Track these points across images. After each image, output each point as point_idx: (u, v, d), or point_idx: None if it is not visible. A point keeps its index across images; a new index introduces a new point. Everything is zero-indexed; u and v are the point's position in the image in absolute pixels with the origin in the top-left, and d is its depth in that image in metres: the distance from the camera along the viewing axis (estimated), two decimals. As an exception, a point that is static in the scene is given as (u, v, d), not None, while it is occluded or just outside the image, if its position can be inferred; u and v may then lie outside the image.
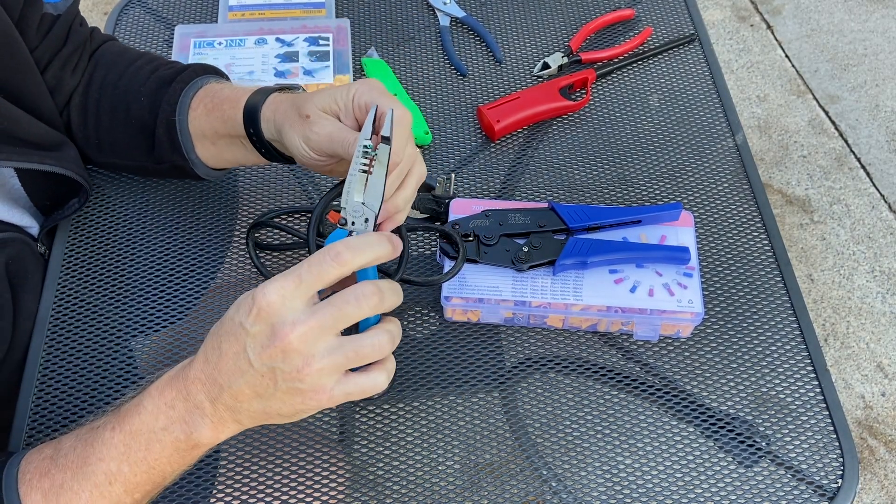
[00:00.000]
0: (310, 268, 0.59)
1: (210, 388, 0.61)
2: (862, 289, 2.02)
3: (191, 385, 0.62)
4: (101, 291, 0.90)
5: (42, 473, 0.65)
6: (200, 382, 0.62)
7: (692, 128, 1.05)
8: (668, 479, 0.79)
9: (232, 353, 0.60)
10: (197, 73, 0.88)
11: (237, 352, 0.60)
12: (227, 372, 0.61)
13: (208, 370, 0.61)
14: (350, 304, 0.60)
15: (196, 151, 0.87)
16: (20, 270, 0.84)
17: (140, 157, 0.91)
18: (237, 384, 0.61)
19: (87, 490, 0.63)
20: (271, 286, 0.59)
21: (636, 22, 1.16)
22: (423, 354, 0.86)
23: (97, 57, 0.93)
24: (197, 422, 0.62)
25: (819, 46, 2.50)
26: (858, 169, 2.23)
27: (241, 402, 0.62)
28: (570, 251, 0.85)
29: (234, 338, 0.60)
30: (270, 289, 0.58)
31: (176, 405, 0.62)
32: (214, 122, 0.84)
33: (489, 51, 1.13)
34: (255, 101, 0.80)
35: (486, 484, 0.78)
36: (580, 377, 0.85)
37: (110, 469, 0.63)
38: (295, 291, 0.59)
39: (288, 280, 0.59)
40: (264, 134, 0.80)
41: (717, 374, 0.85)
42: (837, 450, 0.81)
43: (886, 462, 1.78)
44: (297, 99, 0.76)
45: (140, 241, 0.94)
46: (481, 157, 1.02)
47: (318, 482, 0.78)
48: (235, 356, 0.60)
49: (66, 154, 0.88)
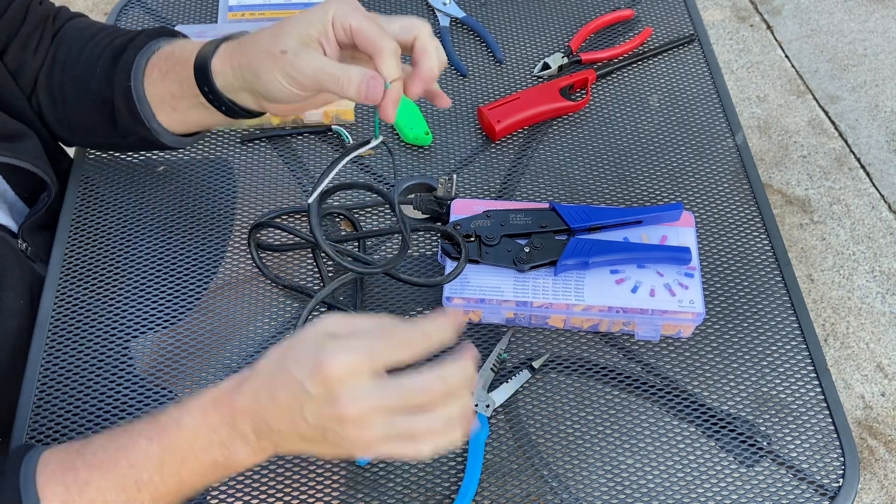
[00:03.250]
0: (385, 347, 0.58)
1: (258, 424, 0.61)
2: (862, 289, 2.02)
3: (238, 416, 0.61)
4: (101, 292, 0.90)
5: (67, 467, 0.64)
6: (248, 416, 0.61)
7: (692, 128, 1.05)
8: (669, 478, 0.79)
9: (286, 406, 0.59)
10: (150, 36, 0.84)
11: (292, 406, 0.59)
12: (279, 418, 0.60)
13: (258, 408, 0.61)
14: (417, 396, 0.58)
15: (158, 119, 0.84)
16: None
17: (107, 133, 0.88)
18: (286, 430, 0.60)
19: (114, 492, 0.63)
20: (341, 357, 0.57)
21: (636, 22, 1.16)
22: (424, 355, 0.86)
23: (61, 35, 0.90)
24: (238, 448, 0.62)
25: (819, 46, 2.50)
26: (858, 169, 2.23)
27: (286, 443, 0.62)
28: (571, 251, 0.85)
29: (292, 394, 0.59)
30: (339, 360, 0.57)
31: (220, 430, 0.62)
32: (171, 86, 0.81)
33: (489, 51, 1.13)
34: (203, 56, 0.75)
35: (486, 484, 0.78)
36: (581, 377, 0.85)
37: (142, 477, 0.63)
38: (362, 367, 0.57)
39: (358, 354, 0.57)
40: (219, 89, 0.75)
41: (717, 374, 0.85)
42: (838, 449, 0.81)
43: (886, 462, 1.78)
44: (261, 38, 0.72)
45: (139, 242, 0.94)
46: (482, 157, 1.02)
47: (317, 482, 0.78)
48: (290, 409, 0.59)
49: (24, 146, 0.86)
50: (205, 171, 1.00)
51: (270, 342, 0.87)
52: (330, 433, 0.59)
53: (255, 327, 0.88)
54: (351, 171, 1.00)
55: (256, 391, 0.61)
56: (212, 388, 0.63)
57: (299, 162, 1.01)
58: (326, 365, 0.57)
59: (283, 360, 0.60)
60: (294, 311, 0.89)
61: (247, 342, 0.87)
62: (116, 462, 0.63)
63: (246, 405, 0.61)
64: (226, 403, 0.62)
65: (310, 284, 0.90)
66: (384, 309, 0.89)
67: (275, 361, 0.61)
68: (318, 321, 0.61)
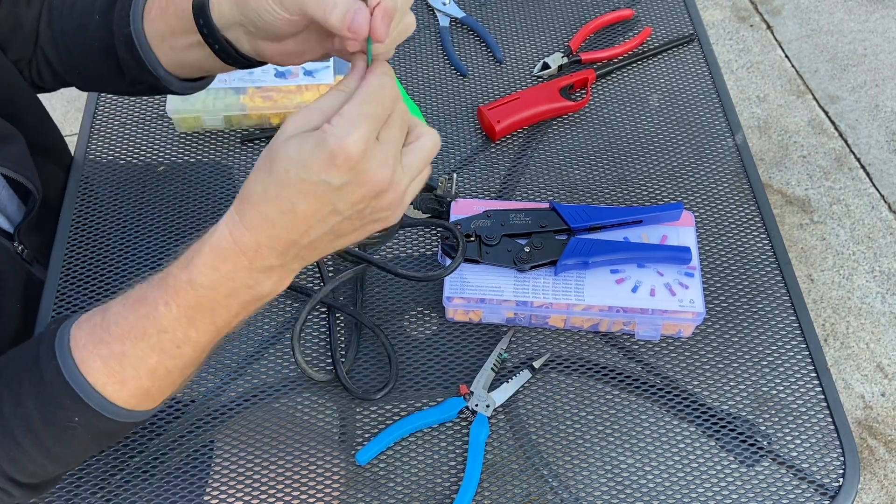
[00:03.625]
0: (374, 102, 0.57)
1: (281, 249, 0.59)
2: (862, 289, 2.02)
3: (253, 254, 0.59)
4: (101, 293, 0.90)
5: (97, 340, 0.63)
6: (266, 248, 0.59)
7: (692, 128, 1.05)
8: (670, 478, 0.79)
9: (311, 212, 0.57)
10: None
11: (319, 209, 0.57)
12: (306, 230, 0.58)
13: (275, 233, 0.58)
14: (404, 125, 0.59)
15: (162, 63, 0.82)
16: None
17: (117, 83, 0.87)
18: (317, 236, 0.59)
19: (155, 355, 0.63)
20: (350, 135, 0.55)
21: (635, 22, 1.16)
22: (425, 355, 0.86)
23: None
24: (263, 281, 0.61)
25: (819, 46, 2.50)
26: (858, 169, 2.23)
27: (317, 248, 0.61)
28: (571, 251, 0.85)
29: (314, 197, 0.57)
30: (352, 138, 0.55)
31: (237, 276, 0.60)
32: (170, 20, 0.79)
33: (489, 51, 1.13)
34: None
35: (486, 484, 0.78)
36: (581, 377, 0.85)
37: (177, 337, 0.62)
38: (372, 133, 0.56)
39: (362, 124, 0.55)
40: (216, 24, 0.73)
41: (717, 374, 0.85)
42: (838, 449, 0.81)
43: (886, 462, 1.78)
44: None
45: (139, 243, 0.94)
46: (482, 157, 1.02)
47: (317, 482, 0.78)
48: (316, 214, 0.58)
49: (9, 150, 0.85)
50: (205, 172, 1.00)
51: (270, 342, 0.87)
52: (367, 212, 0.59)
53: (255, 327, 0.88)
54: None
55: (266, 218, 0.58)
56: (206, 237, 0.61)
57: (299, 162, 1.01)
58: (337, 150, 0.55)
59: (283, 172, 0.56)
60: (293, 311, 0.89)
61: (246, 342, 0.87)
62: (144, 331, 0.62)
63: (260, 239, 0.59)
64: (232, 249, 0.60)
65: (309, 284, 0.90)
66: (385, 308, 0.89)
67: (271, 180, 0.57)
68: (280, 132, 0.58)
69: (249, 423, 0.82)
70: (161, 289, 0.62)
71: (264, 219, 0.58)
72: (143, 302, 0.63)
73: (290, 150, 0.56)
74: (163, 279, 0.62)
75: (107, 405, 0.64)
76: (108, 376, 0.63)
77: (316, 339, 0.87)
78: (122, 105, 1.06)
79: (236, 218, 0.59)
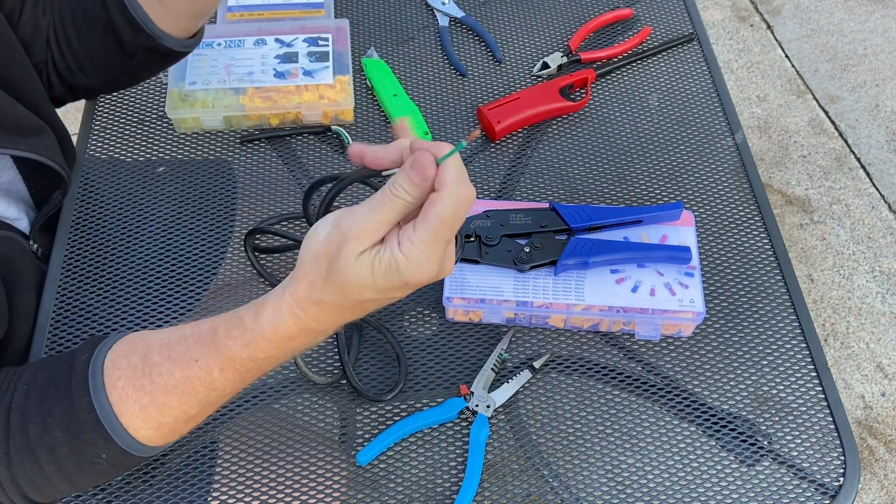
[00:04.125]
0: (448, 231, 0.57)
1: (345, 323, 0.63)
2: (862, 289, 2.02)
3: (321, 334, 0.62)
4: (101, 293, 0.90)
5: (138, 388, 0.64)
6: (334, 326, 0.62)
7: (692, 127, 1.05)
8: (670, 478, 0.79)
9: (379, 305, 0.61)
10: None
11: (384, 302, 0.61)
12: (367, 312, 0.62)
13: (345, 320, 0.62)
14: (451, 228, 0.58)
15: (154, 21, 0.87)
16: (13, 270, 0.83)
17: (117, 61, 0.91)
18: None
19: (200, 407, 0.65)
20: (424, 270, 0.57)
21: (635, 21, 1.16)
22: (425, 355, 0.86)
23: None
24: (319, 342, 0.65)
25: (819, 46, 2.50)
26: (858, 169, 2.23)
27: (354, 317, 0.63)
28: (571, 251, 0.85)
29: (384, 302, 0.61)
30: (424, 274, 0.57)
31: (299, 346, 0.63)
32: None
33: (489, 51, 1.13)
34: None
35: (487, 484, 0.78)
36: (582, 377, 0.85)
37: (226, 392, 0.65)
38: (438, 261, 0.58)
39: (434, 258, 0.57)
40: None
41: (718, 374, 0.85)
42: (839, 448, 0.81)
43: (886, 462, 1.78)
44: None
45: (139, 243, 0.94)
46: (481, 157, 1.02)
47: (318, 482, 0.78)
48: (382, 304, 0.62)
49: (42, 141, 0.87)
50: (204, 172, 1.00)
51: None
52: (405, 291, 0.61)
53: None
54: (351, 171, 1.00)
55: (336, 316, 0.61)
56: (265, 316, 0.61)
57: (299, 162, 1.01)
58: (415, 280, 0.57)
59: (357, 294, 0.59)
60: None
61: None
62: (194, 389, 0.63)
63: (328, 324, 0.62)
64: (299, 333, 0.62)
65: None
66: (387, 308, 0.89)
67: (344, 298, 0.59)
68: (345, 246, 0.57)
69: (250, 423, 0.82)
70: (214, 356, 0.63)
71: (335, 317, 0.61)
72: (192, 363, 0.63)
73: (363, 274, 0.57)
74: (216, 346, 0.63)
75: (137, 445, 0.65)
76: (144, 421, 0.64)
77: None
78: (122, 105, 1.06)
79: (302, 315, 0.60)
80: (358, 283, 0.57)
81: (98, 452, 0.64)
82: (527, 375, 0.84)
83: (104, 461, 0.65)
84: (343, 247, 0.57)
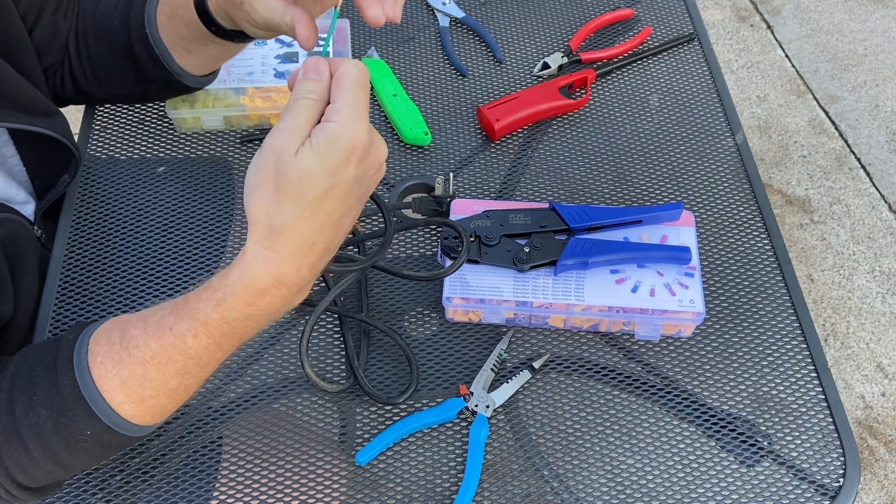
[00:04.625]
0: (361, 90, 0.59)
1: (319, 260, 0.60)
2: (862, 289, 2.02)
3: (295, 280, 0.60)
4: (101, 292, 0.90)
5: (116, 361, 0.64)
6: (307, 267, 0.60)
7: (692, 128, 1.05)
8: (670, 478, 0.79)
9: (344, 209, 0.59)
10: None
11: (348, 203, 0.59)
12: (339, 229, 0.60)
13: (317, 248, 0.59)
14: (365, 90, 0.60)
15: (177, 61, 0.88)
16: (17, 252, 0.84)
17: (131, 82, 0.92)
18: (346, 227, 0.61)
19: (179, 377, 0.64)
20: (358, 126, 0.57)
21: (635, 21, 1.16)
22: (425, 355, 0.86)
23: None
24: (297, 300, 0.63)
25: (819, 46, 2.50)
26: (858, 169, 2.23)
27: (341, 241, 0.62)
28: (571, 251, 0.85)
29: (344, 195, 0.58)
30: (360, 129, 0.57)
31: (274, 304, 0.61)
32: (179, 29, 0.84)
33: (489, 51, 1.13)
34: None
35: (487, 484, 0.78)
36: (581, 377, 0.85)
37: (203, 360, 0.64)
38: (367, 121, 0.59)
39: (363, 112, 0.58)
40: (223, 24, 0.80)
41: (718, 374, 0.85)
42: (839, 449, 0.81)
43: (886, 462, 1.78)
44: None
45: (139, 243, 0.94)
46: (481, 157, 1.02)
47: (318, 482, 0.78)
48: (347, 207, 0.59)
49: (56, 121, 0.88)
50: (205, 172, 1.00)
51: (269, 342, 0.87)
52: (371, 184, 0.61)
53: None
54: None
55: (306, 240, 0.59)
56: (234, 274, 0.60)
57: (299, 162, 1.01)
58: (357, 141, 0.57)
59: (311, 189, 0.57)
60: (292, 311, 0.89)
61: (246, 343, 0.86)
62: (170, 357, 0.63)
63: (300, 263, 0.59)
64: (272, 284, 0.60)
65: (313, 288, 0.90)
66: (387, 309, 0.89)
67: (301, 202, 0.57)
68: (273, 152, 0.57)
69: (250, 423, 0.82)
70: (187, 321, 0.62)
71: (304, 242, 0.58)
72: (166, 331, 0.63)
73: (308, 164, 0.56)
74: (188, 311, 0.62)
75: (121, 422, 0.65)
76: (125, 395, 0.64)
77: (315, 347, 0.87)
78: (122, 105, 1.06)
79: (271, 255, 0.58)
80: (308, 176, 0.56)
81: (82, 429, 0.64)
82: (526, 375, 0.84)
83: (89, 438, 0.65)
84: (279, 157, 0.57)
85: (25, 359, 0.67)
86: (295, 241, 0.58)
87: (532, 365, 0.84)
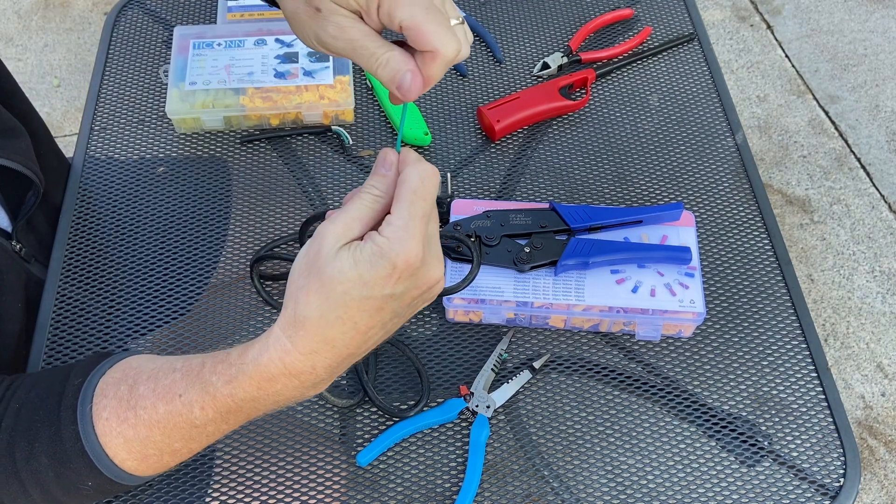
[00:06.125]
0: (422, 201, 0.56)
1: (338, 363, 0.58)
2: (862, 289, 2.02)
3: (307, 376, 0.58)
4: (101, 293, 0.90)
5: (121, 419, 0.63)
6: (324, 367, 0.58)
7: (692, 128, 1.05)
8: (670, 478, 0.79)
9: (375, 322, 0.57)
10: None
11: (381, 318, 0.57)
12: (366, 339, 0.58)
13: (337, 352, 0.57)
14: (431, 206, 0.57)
15: None
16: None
17: None
18: (376, 339, 0.59)
19: (183, 442, 0.63)
20: (409, 246, 0.55)
21: (635, 21, 1.16)
22: (426, 355, 0.86)
23: None
24: (309, 394, 0.61)
25: (819, 46, 2.50)
26: (858, 169, 2.23)
27: (368, 350, 0.60)
28: (571, 251, 0.85)
29: (376, 309, 0.56)
30: (411, 250, 0.55)
31: (284, 393, 0.59)
32: None
33: (489, 51, 1.13)
34: None
35: (487, 484, 0.78)
36: (582, 377, 0.85)
37: (208, 430, 0.63)
38: (426, 233, 0.56)
39: (417, 231, 0.55)
40: None
41: (718, 374, 0.85)
42: (839, 449, 0.81)
43: (886, 462, 1.78)
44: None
45: (138, 243, 0.94)
46: (481, 157, 1.02)
47: (318, 483, 0.78)
48: (379, 322, 0.57)
49: (15, 144, 0.85)
50: (204, 172, 1.00)
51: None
52: (418, 304, 0.59)
53: (256, 331, 0.87)
54: (352, 175, 1.00)
55: (325, 341, 0.56)
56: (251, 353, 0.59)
57: (299, 163, 1.01)
58: (404, 262, 0.55)
59: (342, 294, 0.55)
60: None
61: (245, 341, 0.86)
62: (176, 424, 0.62)
63: (316, 362, 0.57)
64: (282, 373, 0.58)
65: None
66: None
67: (329, 303, 0.55)
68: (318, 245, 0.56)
69: (250, 423, 0.81)
70: (198, 391, 0.61)
71: (324, 342, 0.57)
72: (175, 397, 0.62)
73: (345, 267, 0.55)
74: (201, 382, 0.61)
75: (122, 475, 0.65)
76: (128, 453, 0.63)
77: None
78: (122, 105, 1.06)
79: (288, 345, 0.57)
80: (341, 280, 0.54)
81: (84, 480, 0.64)
82: (527, 376, 0.84)
83: (90, 488, 0.65)
84: (321, 248, 0.55)
85: (30, 397, 0.66)
86: (315, 338, 0.56)
87: (532, 365, 0.84)
